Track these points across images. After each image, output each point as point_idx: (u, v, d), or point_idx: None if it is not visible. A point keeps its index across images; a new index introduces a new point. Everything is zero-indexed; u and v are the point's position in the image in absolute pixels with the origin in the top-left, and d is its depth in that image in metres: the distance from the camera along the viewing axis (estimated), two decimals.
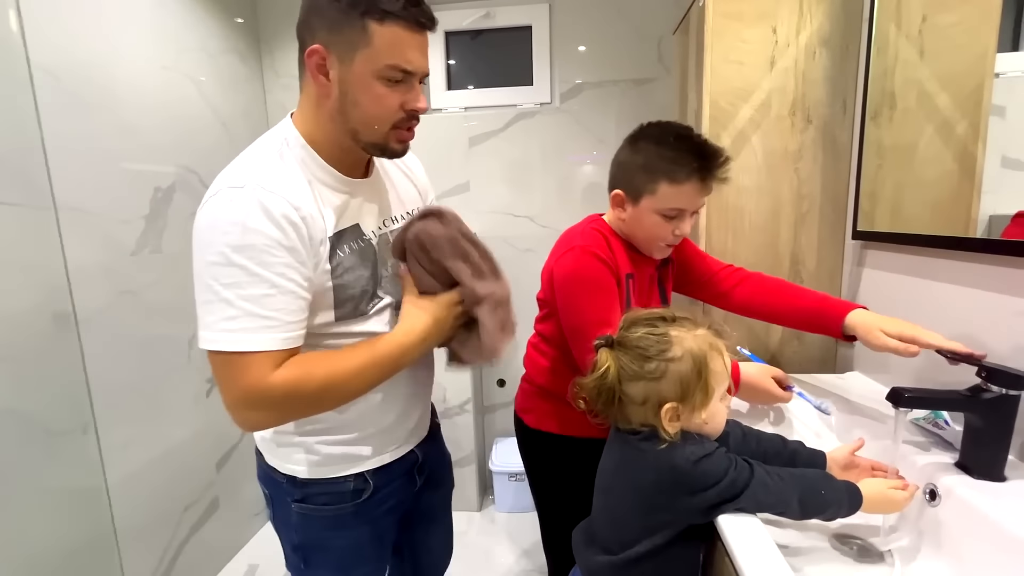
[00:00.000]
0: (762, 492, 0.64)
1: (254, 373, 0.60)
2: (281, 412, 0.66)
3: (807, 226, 1.19)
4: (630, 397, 0.67)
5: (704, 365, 0.65)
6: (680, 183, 0.85)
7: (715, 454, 0.64)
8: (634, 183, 0.89)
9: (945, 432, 0.80)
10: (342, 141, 0.70)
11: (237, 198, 0.61)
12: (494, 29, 1.96)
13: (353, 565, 0.83)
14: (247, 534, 1.88)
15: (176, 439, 1.53)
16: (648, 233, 0.91)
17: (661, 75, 1.83)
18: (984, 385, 0.69)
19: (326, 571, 0.82)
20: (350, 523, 0.80)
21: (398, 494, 0.86)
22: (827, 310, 0.94)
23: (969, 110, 0.87)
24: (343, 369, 0.66)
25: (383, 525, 0.85)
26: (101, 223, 1.29)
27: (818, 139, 1.16)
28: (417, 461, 0.88)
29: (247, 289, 0.60)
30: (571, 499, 0.86)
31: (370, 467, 0.80)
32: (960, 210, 0.88)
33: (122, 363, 1.34)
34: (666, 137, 0.86)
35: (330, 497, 0.78)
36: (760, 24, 1.12)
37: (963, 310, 0.85)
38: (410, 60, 0.65)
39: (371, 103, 0.66)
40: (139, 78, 1.41)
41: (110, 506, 1.25)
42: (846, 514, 0.66)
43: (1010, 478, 0.70)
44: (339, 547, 0.81)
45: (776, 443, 0.79)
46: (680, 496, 0.64)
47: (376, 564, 0.87)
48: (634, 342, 0.67)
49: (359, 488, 0.79)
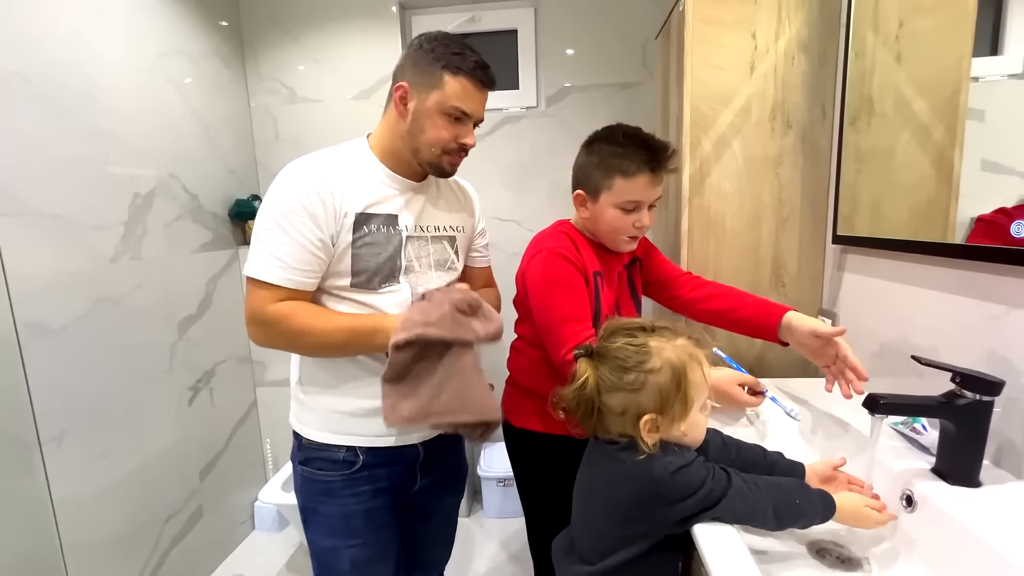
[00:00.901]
0: (739, 502, 0.63)
1: (259, 298, 0.81)
2: (267, 336, 0.82)
3: (788, 231, 1.19)
4: (609, 408, 0.66)
5: (683, 376, 0.64)
6: (632, 176, 0.92)
7: (693, 464, 0.64)
8: (592, 181, 0.96)
9: (922, 437, 0.81)
10: (405, 156, 0.88)
11: (292, 171, 0.83)
12: (480, 33, 1.95)
13: (343, 535, 0.90)
14: (232, 543, 1.86)
15: (158, 448, 1.51)
16: (609, 227, 0.97)
17: (646, 79, 1.83)
18: (958, 391, 0.69)
19: (319, 535, 0.92)
20: (338, 492, 0.89)
21: (391, 480, 0.92)
22: (766, 316, 1.00)
23: (946, 114, 0.87)
24: (320, 325, 0.82)
25: (373, 504, 0.91)
26: (77, 229, 1.27)
27: (798, 144, 1.16)
28: (419, 458, 0.94)
29: (274, 235, 0.80)
30: (556, 499, 0.87)
31: (361, 444, 0.89)
32: (938, 214, 0.88)
33: (99, 371, 1.32)
34: (616, 137, 0.94)
35: (323, 464, 0.89)
36: (739, 29, 1.13)
37: (939, 315, 0.85)
38: (469, 107, 0.84)
39: (433, 131, 0.84)
40: (116, 82, 1.40)
41: (56, 522, 1.19)
42: (820, 522, 0.67)
43: (985, 483, 0.70)
44: (329, 514, 0.90)
45: (756, 453, 0.79)
46: (658, 507, 0.64)
47: (366, 541, 0.91)
48: (613, 352, 0.66)
49: (349, 460, 0.89)
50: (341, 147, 0.90)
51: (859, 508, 0.67)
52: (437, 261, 0.93)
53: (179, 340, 1.60)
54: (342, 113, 1.94)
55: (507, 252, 2.01)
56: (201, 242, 1.71)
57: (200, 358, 1.69)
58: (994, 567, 0.58)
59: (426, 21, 1.94)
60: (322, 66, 1.93)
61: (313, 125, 1.96)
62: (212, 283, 1.76)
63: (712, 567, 0.57)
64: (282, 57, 1.94)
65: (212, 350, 1.75)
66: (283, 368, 1.97)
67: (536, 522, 1.12)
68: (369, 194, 0.85)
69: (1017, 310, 0.71)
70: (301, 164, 0.84)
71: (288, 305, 0.81)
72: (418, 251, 0.90)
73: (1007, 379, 0.68)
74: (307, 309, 0.83)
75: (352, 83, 1.93)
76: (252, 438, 1.98)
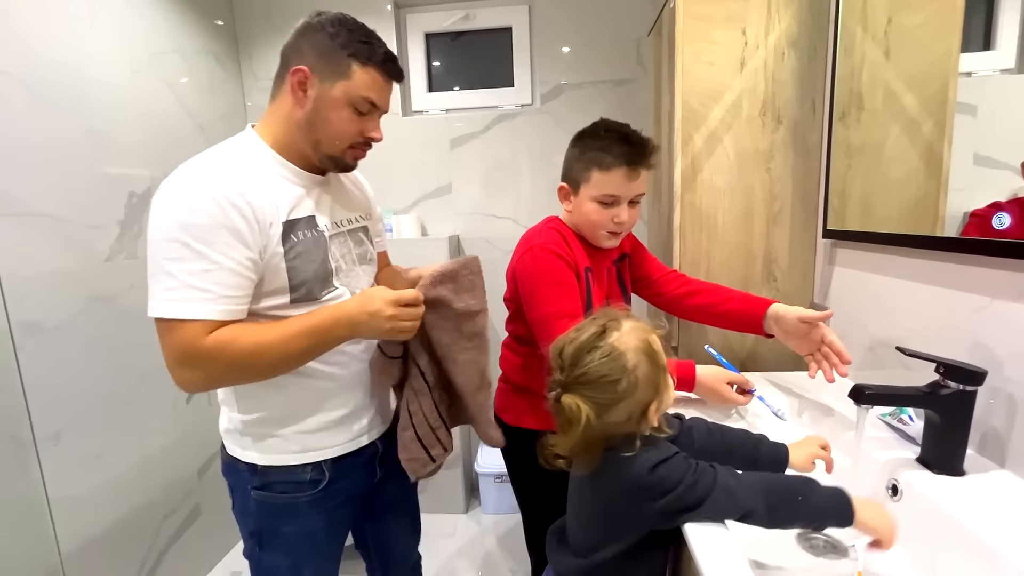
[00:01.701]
0: (725, 500, 0.62)
1: (188, 336, 0.67)
2: (208, 374, 0.70)
3: (779, 226, 1.20)
4: (614, 423, 0.64)
5: (653, 353, 0.65)
6: (608, 169, 0.92)
7: (672, 459, 0.64)
8: (572, 174, 0.98)
9: (909, 428, 0.82)
10: (303, 148, 0.80)
11: (187, 183, 0.70)
12: (474, 31, 1.96)
13: (304, 552, 0.86)
14: (230, 541, 1.86)
15: (155, 446, 1.51)
16: (588, 220, 0.97)
17: (640, 76, 1.84)
18: (942, 382, 0.70)
19: (278, 555, 0.85)
20: (305, 512, 0.83)
21: (355, 487, 0.89)
22: (752, 308, 1.02)
23: (935, 109, 0.88)
24: (273, 337, 0.71)
25: (337, 516, 0.88)
26: (72, 229, 1.28)
27: (788, 139, 1.17)
28: (378, 452, 0.92)
29: (188, 264, 0.67)
30: (552, 496, 0.87)
31: (327, 456, 0.84)
32: (927, 208, 0.89)
33: (95, 370, 1.32)
34: (598, 131, 0.95)
35: (287, 486, 0.82)
36: (729, 25, 1.13)
37: (926, 307, 0.86)
38: (379, 98, 0.79)
39: (339, 122, 0.77)
40: (109, 81, 1.40)
41: (52, 521, 1.19)
42: (835, 524, 0.63)
43: (969, 472, 0.71)
44: (292, 534, 0.84)
45: (740, 436, 0.80)
46: (641, 503, 0.64)
47: (328, 557, 0.90)
48: (595, 372, 0.63)
49: (315, 479, 0.83)
50: (229, 145, 0.78)
51: (883, 516, 0.63)
52: (359, 255, 0.87)
53: None
54: None
55: (503, 250, 2.02)
56: None
57: None
58: (977, 554, 0.59)
59: (421, 19, 1.94)
60: None
61: None
62: None
63: (702, 563, 0.57)
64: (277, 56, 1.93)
65: None
66: None
67: (533, 519, 1.12)
68: (284, 197, 0.76)
69: (999, 301, 0.72)
70: (197, 174, 0.71)
71: (226, 331, 0.69)
72: (341, 249, 0.83)
73: (989, 369, 0.69)
74: (249, 327, 0.71)
75: None
76: None
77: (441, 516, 1.99)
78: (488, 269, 0.82)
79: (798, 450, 0.78)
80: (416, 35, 1.96)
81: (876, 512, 0.63)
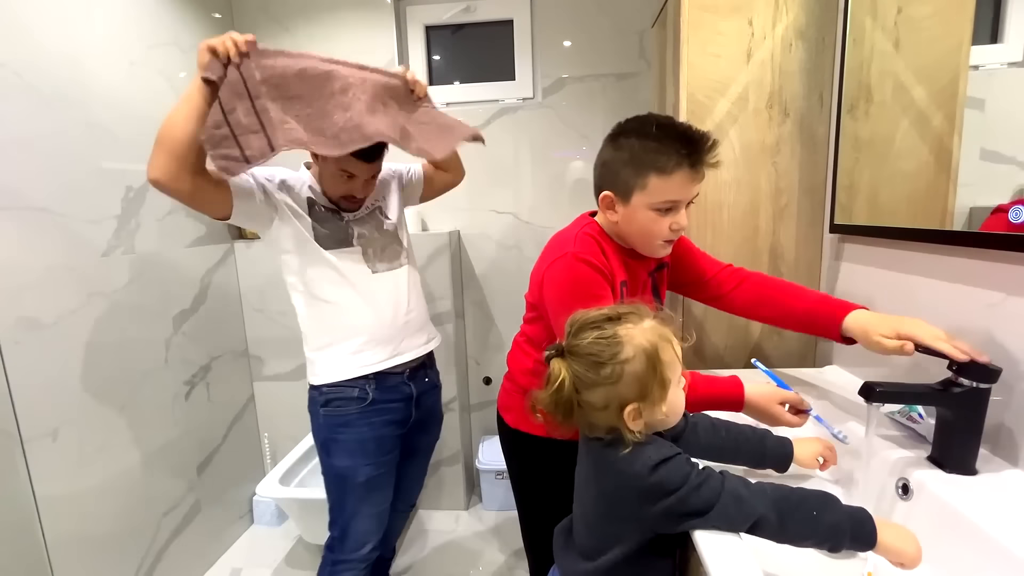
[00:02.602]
0: (734, 506, 0.60)
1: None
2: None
3: (786, 220, 1.19)
4: (591, 404, 0.65)
5: (657, 359, 0.63)
6: (670, 173, 0.81)
7: (674, 459, 0.62)
8: (622, 180, 0.85)
9: (919, 426, 0.80)
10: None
11: None
12: (475, 23, 1.93)
13: (358, 456, 1.15)
14: (231, 537, 1.86)
15: (154, 443, 1.50)
16: (644, 231, 0.87)
17: (643, 70, 1.82)
18: (955, 379, 0.69)
19: (340, 457, 1.15)
20: (355, 423, 1.14)
21: (394, 412, 1.18)
22: (825, 313, 0.90)
23: (944, 102, 0.86)
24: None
25: (382, 432, 1.17)
26: (68, 224, 1.26)
27: (795, 132, 1.15)
28: (412, 395, 1.21)
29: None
30: (552, 499, 0.85)
31: (365, 372, 1.13)
32: (936, 203, 0.87)
33: (93, 366, 1.31)
34: (648, 128, 0.82)
35: (341, 402, 1.13)
36: (736, 16, 1.11)
37: (937, 303, 0.85)
38: (352, 168, 1.09)
39: (327, 178, 1.12)
40: (107, 74, 1.38)
41: (39, 519, 1.17)
42: (853, 547, 0.60)
43: (981, 471, 0.69)
44: (348, 440, 1.14)
45: (745, 431, 0.79)
46: (642, 504, 0.62)
47: (376, 462, 1.17)
48: (585, 349, 0.64)
49: (361, 397, 1.14)
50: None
51: (908, 541, 0.59)
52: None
53: (174, 335, 1.59)
54: None
55: (505, 245, 2.00)
56: (195, 236, 1.70)
57: (196, 353, 1.69)
58: (990, 555, 0.57)
59: (421, 11, 1.92)
60: None
61: None
62: (207, 277, 1.75)
63: (711, 567, 0.56)
64: None
65: (208, 345, 1.75)
66: (281, 363, 1.97)
67: (532, 520, 1.10)
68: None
69: (1015, 297, 0.70)
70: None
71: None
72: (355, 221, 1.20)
73: (1004, 366, 0.67)
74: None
75: None
76: (250, 433, 1.98)
77: (442, 512, 1.98)
78: (491, 264, 0.81)
79: (802, 446, 0.77)
80: (416, 28, 1.93)
81: (900, 535, 0.60)
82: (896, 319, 0.80)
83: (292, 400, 1.96)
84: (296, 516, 1.66)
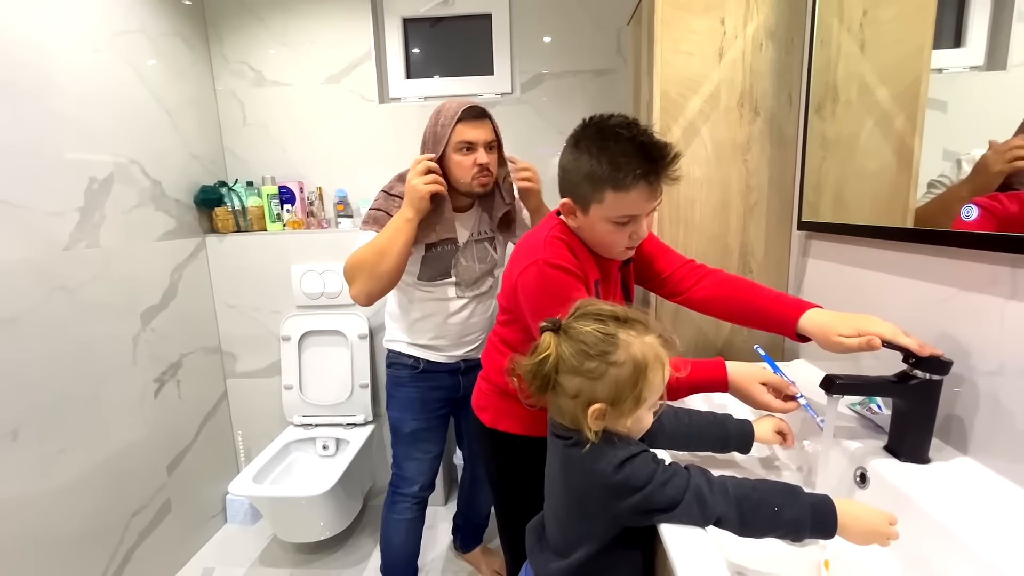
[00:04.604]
0: (696, 503, 0.61)
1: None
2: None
3: (755, 217, 1.21)
4: (563, 388, 0.65)
5: (643, 375, 0.63)
6: (627, 189, 0.78)
7: (639, 457, 0.63)
8: (580, 192, 0.83)
9: (877, 417, 0.83)
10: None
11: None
12: (453, 17, 1.92)
13: (407, 411, 1.37)
14: (202, 538, 1.83)
15: (121, 442, 1.47)
16: (603, 240, 0.87)
17: (620, 67, 1.83)
18: (911, 371, 0.71)
19: (394, 410, 1.39)
20: (407, 384, 1.36)
21: (442, 380, 1.37)
22: (780, 312, 0.89)
23: (907, 103, 0.88)
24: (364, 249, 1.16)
25: (429, 396, 1.37)
26: (28, 216, 1.22)
27: (765, 131, 1.17)
28: (460, 368, 1.38)
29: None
30: (531, 497, 0.84)
31: (420, 355, 1.35)
32: (898, 201, 0.90)
33: (55, 364, 1.27)
34: (606, 140, 0.79)
35: (399, 367, 1.37)
36: (708, 15, 1.12)
37: (896, 298, 0.87)
38: (467, 137, 1.18)
39: (454, 167, 1.20)
40: (69, 61, 1.33)
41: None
42: (815, 536, 0.61)
43: (934, 460, 0.72)
44: (400, 397, 1.38)
45: (707, 416, 0.80)
46: (609, 501, 0.63)
47: (418, 417, 1.37)
48: (580, 336, 0.64)
49: (414, 365, 1.35)
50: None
51: (873, 524, 0.60)
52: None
53: (142, 331, 1.55)
54: (312, 97, 1.89)
55: None
56: (165, 230, 1.66)
57: (165, 350, 1.65)
58: (941, 540, 0.60)
59: (398, 3, 1.89)
60: (291, 49, 1.87)
61: (283, 110, 1.90)
62: (177, 272, 1.71)
63: (677, 563, 0.57)
64: (248, 39, 1.87)
65: (178, 341, 1.71)
66: (254, 359, 1.94)
67: (510, 517, 1.09)
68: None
69: (965, 293, 0.73)
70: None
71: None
72: (464, 255, 1.34)
73: (955, 359, 0.70)
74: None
75: (322, 66, 1.88)
76: (223, 430, 1.94)
77: None
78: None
79: (761, 424, 0.80)
80: (393, 20, 1.91)
81: (865, 523, 0.60)
82: (851, 316, 0.79)
83: (266, 397, 1.94)
84: (269, 515, 1.64)
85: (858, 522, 0.60)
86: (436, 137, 1.18)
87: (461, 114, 1.16)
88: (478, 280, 1.34)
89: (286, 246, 1.85)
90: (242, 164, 1.93)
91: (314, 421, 1.87)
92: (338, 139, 1.91)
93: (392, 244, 1.12)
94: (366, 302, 1.16)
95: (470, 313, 1.34)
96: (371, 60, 1.88)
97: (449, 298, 1.31)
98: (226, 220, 1.83)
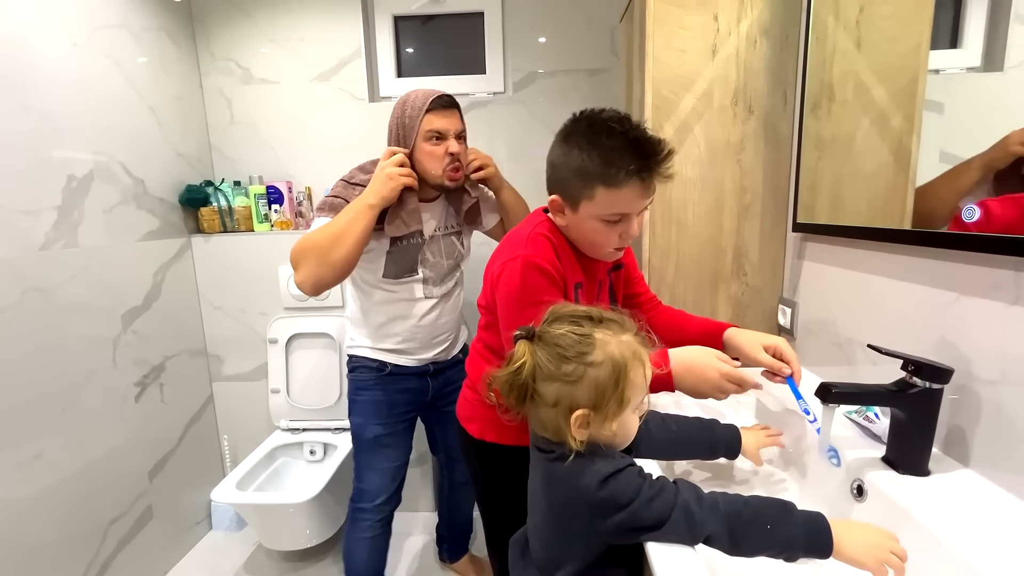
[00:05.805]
0: (685, 521, 0.58)
1: None
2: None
3: (750, 218, 1.18)
4: (542, 397, 0.61)
5: (623, 375, 0.60)
6: (619, 186, 0.75)
7: (624, 472, 0.59)
8: (569, 189, 0.80)
9: (875, 426, 0.80)
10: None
11: None
12: (445, 15, 1.89)
13: (370, 415, 1.31)
14: (187, 544, 1.79)
15: (100, 448, 1.43)
16: (591, 240, 0.84)
17: (614, 66, 1.80)
18: (909, 379, 0.68)
19: (356, 415, 1.32)
20: (371, 387, 1.30)
21: (409, 382, 1.32)
22: (712, 333, 0.94)
23: (904, 103, 0.86)
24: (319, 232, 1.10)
25: (395, 399, 1.31)
26: (1, 215, 1.18)
27: (760, 130, 1.14)
28: (429, 371, 1.34)
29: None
30: (520, 509, 0.82)
31: (386, 359, 1.30)
32: (895, 203, 0.87)
33: (29, 366, 1.23)
34: (598, 135, 0.76)
35: (363, 371, 1.31)
36: (701, 11, 1.10)
37: (894, 303, 0.85)
38: (437, 126, 1.15)
39: (424, 157, 1.17)
40: (47, 55, 1.29)
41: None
42: (809, 556, 0.57)
43: (934, 472, 0.69)
44: (363, 401, 1.31)
45: (695, 422, 0.78)
46: (593, 519, 0.59)
47: (383, 423, 1.31)
48: (554, 339, 0.61)
49: (380, 368, 1.30)
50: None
51: (872, 541, 0.57)
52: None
53: (123, 333, 1.51)
54: (302, 95, 1.86)
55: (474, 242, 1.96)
56: (148, 229, 1.62)
57: (148, 352, 1.61)
58: (940, 556, 0.57)
59: (390, 0, 1.86)
60: (279, 46, 1.84)
61: (271, 108, 1.87)
62: (160, 273, 1.67)
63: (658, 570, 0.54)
64: (236, 35, 1.84)
65: (162, 344, 1.67)
66: (241, 362, 1.90)
67: (498, 529, 1.06)
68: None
69: (967, 297, 0.70)
70: None
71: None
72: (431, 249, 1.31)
73: (956, 366, 0.67)
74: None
75: (311, 64, 1.84)
76: (208, 435, 1.90)
77: (408, 515, 1.94)
78: (471, 267, 0.78)
79: (748, 437, 0.78)
80: (384, 18, 1.88)
81: (863, 543, 0.57)
82: (757, 334, 0.87)
83: (253, 400, 1.90)
84: (254, 522, 1.59)
85: (855, 541, 0.57)
86: (404, 128, 1.15)
87: (430, 104, 1.13)
88: (446, 277, 1.30)
89: (273, 247, 1.81)
90: (229, 163, 1.89)
91: (302, 425, 1.84)
92: (328, 138, 1.88)
93: (350, 229, 1.06)
94: (312, 291, 1.09)
95: (439, 314, 1.30)
96: (361, 58, 1.85)
97: (416, 298, 1.26)
98: (212, 220, 1.79)
